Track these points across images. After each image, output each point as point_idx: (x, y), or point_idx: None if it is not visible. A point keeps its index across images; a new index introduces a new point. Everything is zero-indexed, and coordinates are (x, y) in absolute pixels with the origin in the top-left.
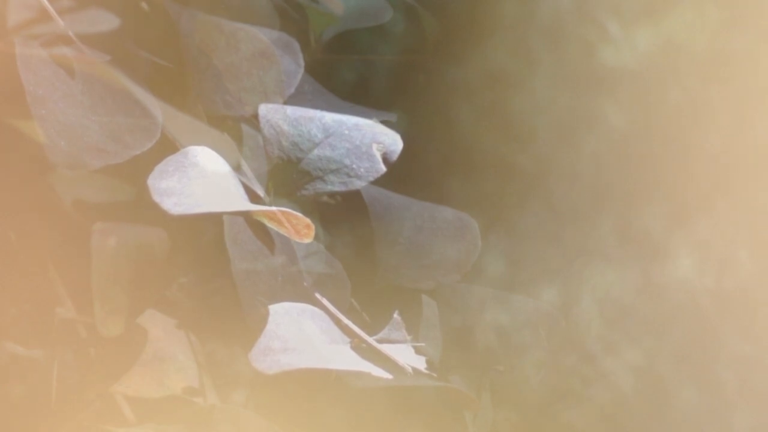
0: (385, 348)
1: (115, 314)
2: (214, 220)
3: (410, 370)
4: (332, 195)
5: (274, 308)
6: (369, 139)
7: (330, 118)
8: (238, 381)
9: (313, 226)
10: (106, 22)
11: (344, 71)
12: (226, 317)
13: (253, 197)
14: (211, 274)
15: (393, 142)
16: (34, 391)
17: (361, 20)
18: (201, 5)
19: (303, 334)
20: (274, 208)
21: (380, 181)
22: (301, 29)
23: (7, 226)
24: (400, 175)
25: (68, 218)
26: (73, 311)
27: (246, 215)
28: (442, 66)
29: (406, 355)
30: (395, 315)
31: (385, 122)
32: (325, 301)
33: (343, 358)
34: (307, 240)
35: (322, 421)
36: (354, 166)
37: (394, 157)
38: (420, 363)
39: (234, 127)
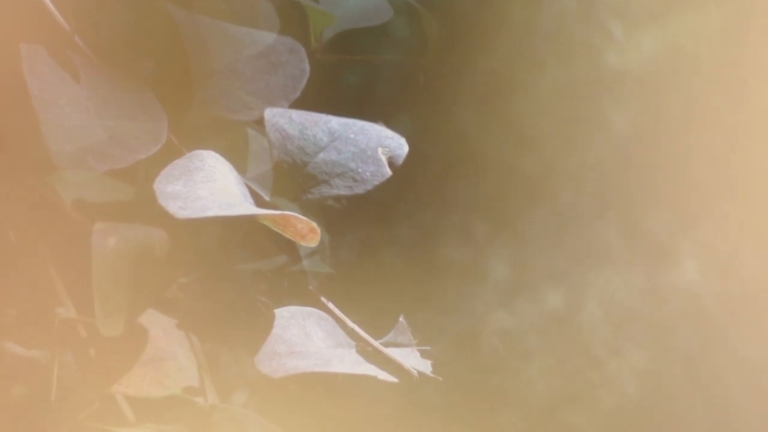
0: (391, 351)
1: (115, 314)
2: (216, 221)
3: (416, 373)
4: (337, 198)
5: (279, 312)
6: (375, 143)
7: (336, 122)
8: (238, 381)
9: (318, 230)
10: (111, 26)
11: (345, 72)
12: (226, 317)
13: (259, 201)
14: (212, 274)
15: (399, 146)
16: (34, 391)
17: (361, 20)
18: (203, 8)
19: (308, 338)
20: (279, 212)
21: (383, 184)
22: (300, 29)
23: (7, 226)
24: (403, 178)
25: (68, 218)
26: (73, 311)
27: (251, 219)
28: (445, 68)
29: (411, 359)
30: (400, 319)
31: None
32: (330, 305)
33: (349, 361)
34: (313, 244)
35: (322, 421)
36: (360, 170)
37: (400, 161)
38: (426, 367)
39: (239, 131)
